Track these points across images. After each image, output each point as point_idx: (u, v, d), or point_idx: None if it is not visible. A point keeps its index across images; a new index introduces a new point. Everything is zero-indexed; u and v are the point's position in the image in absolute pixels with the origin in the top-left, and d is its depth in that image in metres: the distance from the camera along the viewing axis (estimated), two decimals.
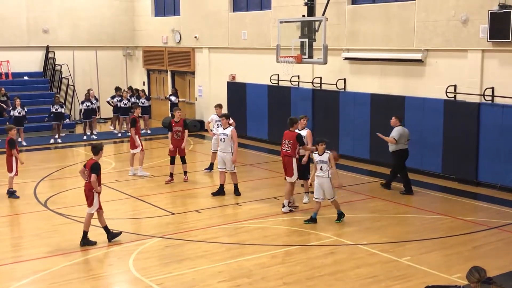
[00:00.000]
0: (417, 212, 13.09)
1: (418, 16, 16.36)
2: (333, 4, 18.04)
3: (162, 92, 27.94)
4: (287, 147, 13.00)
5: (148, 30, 28.16)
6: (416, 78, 16.73)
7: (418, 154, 16.50)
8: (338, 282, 9.28)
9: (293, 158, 12.99)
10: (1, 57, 25.86)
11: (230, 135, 14.25)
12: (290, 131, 13.15)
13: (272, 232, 11.84)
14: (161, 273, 9.64)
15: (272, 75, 20.89)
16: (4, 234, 11.74)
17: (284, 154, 13.08)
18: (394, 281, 9.31)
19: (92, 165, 10.83)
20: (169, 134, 15.88)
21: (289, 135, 13.08)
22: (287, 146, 13.00)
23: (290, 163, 13.00)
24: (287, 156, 13.04)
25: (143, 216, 12.98)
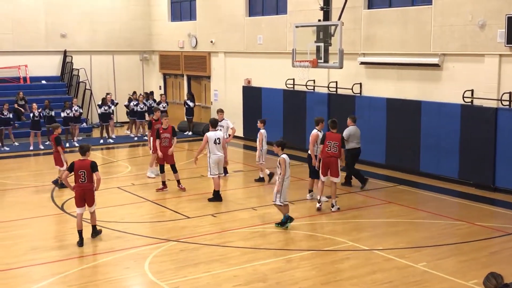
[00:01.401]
0: (434, 218, 13.00)
1: (435, 21, 16.29)
2: (349, 8, 18.02)
3: (178, 96, 28.06)
4: (334, 148, 13.40)
5: (164, 34, 28.32)
6: (432, 82, 16.65)
7: (435, 159, 16.43)
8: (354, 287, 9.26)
9: (338, 159, 13.48)
10: (20, 62, 26.13)
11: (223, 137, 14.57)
12: (333, 132, 13.57)
13: (287, 236, 11.83)
14: (176, 276, 9.66)
15: (287, 79, 20.90)
16: (22, 237, 11.84)
17: (331, 155, 13.39)
18: (410, 287, 9.26)
19: (91, 164, 11.11)
20: (157, 142, 15.35)
21: (334, 137, 13.48)
22: (334, 147, 13.40)
23: (336, 163, 13.44)
24: (333, 157, 13.42)
25: (159, 219, 13.04)
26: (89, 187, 11.20)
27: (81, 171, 11.11)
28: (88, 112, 26.78)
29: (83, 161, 11.20)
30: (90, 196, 11.25)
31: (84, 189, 11.20)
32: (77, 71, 27.13)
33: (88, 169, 11.08)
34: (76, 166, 11.16)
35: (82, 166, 11.12)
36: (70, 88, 26.97)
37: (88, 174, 11.10)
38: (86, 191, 11.21)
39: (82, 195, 11.22)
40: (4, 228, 12.39)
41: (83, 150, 11.28)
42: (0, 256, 10.70)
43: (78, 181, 11.20)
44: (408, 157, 17.19)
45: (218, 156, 14.29)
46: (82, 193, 11.21)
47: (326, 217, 13.10)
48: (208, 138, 14.22)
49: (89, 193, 11.23)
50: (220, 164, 14.43)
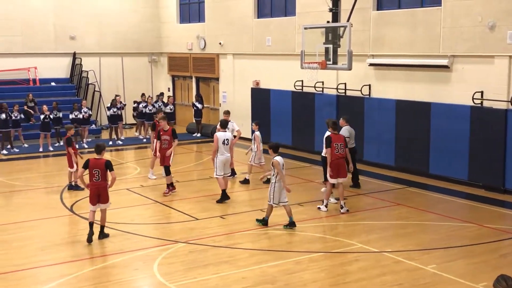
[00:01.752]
0: (443, 220, 12.94)
1: (444, 22, 16.22)
2: (358, 10, 17.98)
3: (187, 98, 28.10)
4: (341, 149, 13.54)
5: (173, 36, 28.37)
6: (442, 84, 16.58)
7: (444, 161, 16.36)
8: None
9: (345, 159, 13.68)
10: (29, 64, 26.27)
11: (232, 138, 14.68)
12: (336, 133, 13.73)
13: (296, 238, 11.80)
14: (185, 278, 9.66)
15: (296, 81, 20.88)
16: (31, 238, 11.88)
17: (340, 157, 13.54)
18: None
19: (106, 163, 11.29)
20: (157, 143, 15.33)
21: (339, 138, 13.65)
22: (341, 148, 13.54)
23: (344, 164, 13.68)
24: (342, 158, 13.59)
25: (168, 221, 13.05)
26: (103, 185, 11.38)
27: (95, 170, 11.30)
28: (97, 114, 26.87)
29: (98, 160, 11.38)
30: (104, 194, 11.44)
31: (98, 187, 11.37)
32: (86, 73, 27.24)
33: (102, 167, 11.25)
34: (90, 164, 11.36)
35: (96, 165, 11.31)
36: (79, 90, 27.07)
37: (102, 172, 11.26)
38: (100, 189, 11.38)
39: (96, 193, 11.38)
40: (14, 230, 12.43)
41: (99, 149, 11.49)
42: (10, 257, 10.74)
43: (93, 180, 11.39)
44: (418, 159, 17.12)
45: (226, 156, 14.34)
46: (96, 191, 11.38)
47: (335, 219, 13.07)
48: (218, 138, 14.26)
49: (103, 191, 11.41)
50: (226, 165, 14.46)
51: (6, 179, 17.31)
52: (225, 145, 14.34)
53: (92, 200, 11.48)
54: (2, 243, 11.52)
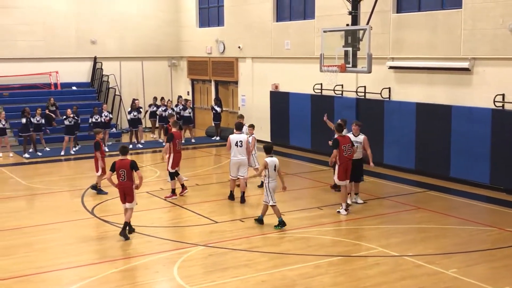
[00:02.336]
0: (464, 223, 12.84)
1: (465, 24, 16.11)
2: (378, 12, 17.93)
3: (206, 102, 28.19)
4: (349, 150, 13.61)
5: (192, 40, 28.51)
6: (463, 87, 16.46)
7: (465, 164, 16.23)
8: None
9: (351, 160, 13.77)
10: (51, 68, 26.57)
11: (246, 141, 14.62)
12: (342, 136, 13.81)
13: (316, 242, 11.78)
14: (205, 281, 9.70)
15: (315, 84, 20.86)
16: (52, 240, 12.00)
17: (349, 158, 13.64)
18: None
19: (131, 163, 11.75)
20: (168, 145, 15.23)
21: (346, 140, 13.70)
22: (348, 149, 13.60)
23: (350, 165, 13.74)
24: (350, 160, 13.68)
25: (187, 224, 13.10)
26: (128, 185, 11.81)
27: (121, 170, 11.80)
28: (117, 118, 27.07)
29: (123, 161, 11.86)
30: (130, 194, 11.87)
31: (124, 187, 11.85)
32: (106, 77, 27.47)
33: (127, 168, 11.67)
34: (117, 166, 11.87)
35: (122, 165, 11.79)
36: (100, 94, 27.30)
37: (128, 172, 11.73)
38: (125, 189, 11.85)
39: (122, 192, 11.90)
40: (36, 232, 12.57)
41: (124, 150, 12.01)
42: (32, 259, 10.87)
43: (119, 180, 11.88)
44: (438, 162, 17.00)
45: (238, 159, 14.43)
46: (122, 191, 11.89)
47: (355, 223, 13.03)
48: (230, 140, 14.45)
49: (128, 190, 11.84)
50: (240, 167, 14.51)
51: (29, 182, 17.51)
52: (238, 147, 14.47)
53: (122, 199, 12.04)
54: (25, 246, 11.66)
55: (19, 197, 15.85)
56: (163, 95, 26.85)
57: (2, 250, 11.40)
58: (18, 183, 17.51)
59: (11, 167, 19.90)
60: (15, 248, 11.55)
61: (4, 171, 19.27)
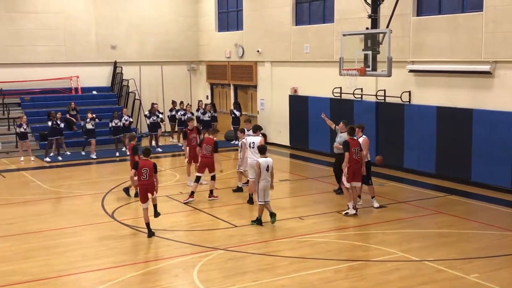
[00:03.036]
0: (486, 228, 12.69)
1: (486, 27, 15.96)
2: (398, 16, 17.84)
3: (225, 106, 28.24)
4: (358, 153, 13.73)
5: (211, 45, 28.60)
6: (484, 90, 16.29)
7: (487, 168, 16.06)
8: None
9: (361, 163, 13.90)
10: (72, 73, 26.82)
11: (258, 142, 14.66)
12: (353, 139, 13.88)
13: (336, 246, 11.73)
14: (224, 285, 9.69)
15: (334, 88, 20.80)
16: (73, 244, 12.08)
17: (358, 161, 13.71)
18: None
19: (154, 165, 12.41)
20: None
21: (356, 143, 13.80)
22: (358, 153, 13.72)
23: (360, 169, 13.87)
24: (359, 163, 13.77)
25: (207, 228, 13.11)
26: (151, 182, 12.41)
27: (144, 169, 12.34)
28: (137, 122, 27.22)
29: (146, 161, 12.50)
30: (152, 189, 12.46)
31: (146, 185, 12.38)
32: (126, 82, 27.66)
33: (151, 167, 12.38)
34: (140, 165, 12.42)
35: (145, 165, 12.39)
36: (120, 98, 27.49)
37: (150, 172, 12.36)
38: (148, 187, 12.40)
39: (145, 190, 12.38)
40: (56, 236, 12.67)
41: (147, 152, 12.69)
42: (52, 263, 10.95)
43: (141, 178, 12.36)
44: (459, 166, 16.84)
45: (253, 160, 14.41)
46: (145, 188, 12.38)
47: (375, 228, 12.94)
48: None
49: (151, 187, 12.44)
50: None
51: (50, 186, 17.67)
52: (251, 148, 14.63)
53: (142, 198, 12.43)
54: (45, 249, 11.75)
55: (40, 200, 15.99)
56: (182, 99, 26.95)
57: (24, 253, 11.50)
58: (39, 186, 17.67)
59: (32, 171, 20.10)
60: (36, 251, 11.64)
61: (26, 175, 19.46)
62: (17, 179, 18.99)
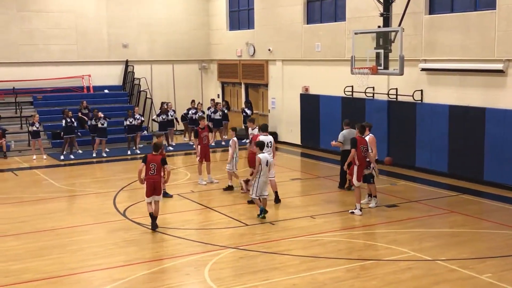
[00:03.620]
0: (499, 228, 12.60)
1: (499, 26, 15.84)
2: (410, 14, 17.75)
3: (236, 104, 28.25)
4: (365, 152, 13.81)
5: (223, 44, 28.60)
6: (497, 89, 16.17)
7: (499, 168, 15.95)
8: None
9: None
10: (83, 72, 26.93)
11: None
12: (362, 137, 13.93)
13: (347, 245, 11.69)
14: (235, 284, 9.68)
15: (346, 86, 20.73)
16: (84, 242, 12.12)
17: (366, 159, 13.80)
18: None
19: (162, 159, 12.60)
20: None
21: (364, 141, 13.87)
22: (365, 151, 13.79)
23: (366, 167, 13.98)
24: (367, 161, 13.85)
25: (218, 226, 13.11)
26: (157, 179, 12.57)
27: (152, 164, 12.52)
28: (148, 120, 27.28)
29: (155, 156, 12.64)
30: (158, 187, 12.63)
31: (154, 180, 12.55)
32: (138, 80, 27.72)
33: (158, 162, 12.50)
34: (148, 159, 12.60)
35: (153, 160, 12.54)
36: (131, 97, 27.56)
37: (158, 167, 12.50)
38: (155, 182, 12.57)
39: (152, 186, 12.56)
40: (68, 234, 12.72)
41: (156, 147, 12.86)
42: (65, 261, 10.99)
43: (149, 173, 12.54)
44: (472, 165, 16.74)
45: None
46: (152, 184, 12.56)
47: (387, 227, 12.89)
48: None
49: (158, 184, 12.60)
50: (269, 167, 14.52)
51: (62, 184, 17.75)
52: (268, 147, 14.52)
53: (148, 193, 12.64)
54: (58, 247, 11.80)
55: (53, 199, 16.06)
56: (193, 98, 27.00)
57: (36, 251, 11.56)
58: (51, 185, 17.76)
59: (44, 169, 20.20)
60: (48, 249, 11.69)
61: (38, 173, 19.57)
62: (29, 177, 19.09)
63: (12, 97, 25.11)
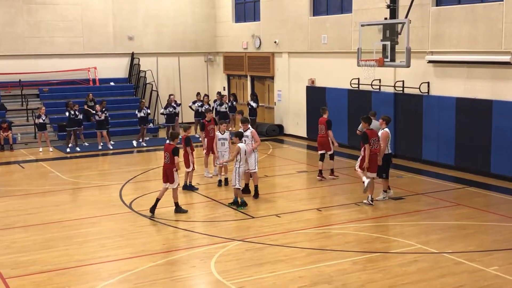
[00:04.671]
0: (506, 220, 12.56)
1: (507, 17, 15.74)
2: (417, 6, 17.66)
3: (242, 97, 28.22)
4: (376, 144, 13.74)
5: (228, 36, 28.55)
6: (504, 81, 16.09)
7: (507, 160, 15.90)
8: None
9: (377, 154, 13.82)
10: (89, 64, 26.96)
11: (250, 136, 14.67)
12: (371, 129, 13.84)
13: (353, 238, 11.68)
14: (241, 276, 9.70)
15: (352, 79, 20.67)
16: (91, 235, 12.16)
17: (375, 152, 13.73)
18: None
19: (173, 149, 12.87)
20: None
21: (374, 134, 13.78)
22: (375, 143, 13.74)
23: (376, 159, 13.83)
24: (376, 154, 13.75)
25: (224, 219, 13.13)
26: (170, 167, 13.04)
27: (166, 153, 13.07)
28: (154, 113, 27.31)
29: (169, 145, 13.13)
30: (170, 175, 13.08)
31: (165, 168, 13.14)
32: (144, 73, 27.73)
33: (170, 152, 12.94)
34: (164, 148, 13.28)
35: (167, 149, 13.08)
36: (137, 90, 27.57)
37: (171, 156, 12.94)
38: (167, 170, 13.12)
39: (164, 173, 13.20)
40: (76, 226, 12.77)
41: (172, 137, 13.40)
42: (72, 253, 11.03)
43: (164, 161, 13.17)
44: (478, 158, 16.68)
45: None
46: (164, 171, 13.20)
47: (393, 219, 12.87)
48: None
49: (169, 172, 13.07)
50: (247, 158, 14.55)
51: (68, 177, 17.80)
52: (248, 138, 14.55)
53: (163, 178, 13.29)
54: (65, 239, 11.84)
55: (59, 191, 16.11)
56: (199, 90, 26.98)
57: (43, 243, 11.61)
58: (57, 177, 17.81)
59: (51, 162, 20.26)
60: (55, 241, 11.74)
61: (44, 165, 19.62)
62: (35, 169, 19.15)
63: (18, 89, 25.18)
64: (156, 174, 17.87)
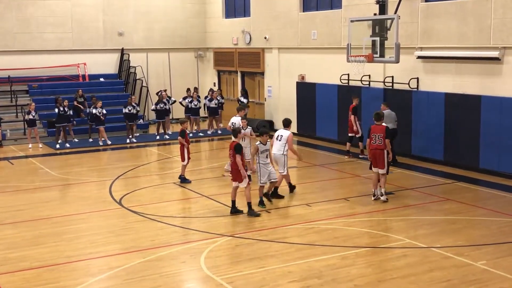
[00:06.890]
0: (494, 215, 12.66)
1: (495, 13, 15.81)
2: (406, 1, 17.71)
3: (232, 93, 28.21)
4: (379, 140, 13.57)
5: (219, 32, 28.52)
6: (493, 77, 16.18)
7: (495, 155, 16.00)
8: (411, 286, 9.09)
9: (384, 150, 13.61)
10: (79, 60, 26.86)
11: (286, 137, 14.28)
12: (378, 125, 13.72)
13: (343, 233, 11.73)
14: (231, 271, 9.72)
15: (342, 74, 20.71)
16: (81, 231, 12.14)
17: (376, 148, 13.60)
18: (469, 285, 9.05)
19: (235, 146, 12.52)
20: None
21: (379, 129, 13.63)
22: (378, 139, 13.57)
23: (382, 155, 13.61)
24: (378, 149, 13.60)
25: (214, 215, 13.14)
26: (234, 166, 12.62)
27: (230, 151, 12.66)
28: (144, 109, 27.24)
29: (232, 142, 12.71)
30: (236, 173, 12.69)
31: (232, 167, 12.74)
32: (134, 69, 27.66)
33: (232, 149, 12.54)
34: (230, 147, 12.77)
35: (230, 147, 12.66)
36: (127, 86, 27.50)
37: (234, 154, 12.53)
38: (233, 169, 12.71)
39: (231, 171, 12.85)
40: (65, 222, 12.74)
41: (235, 133, 13.05)
42: (61, 249, 11.02)
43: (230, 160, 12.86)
44: (467, 153, 16.78)
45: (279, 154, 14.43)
46: (233, 170, 12.76)
47: (383, 214, 12.93)
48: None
49: (235, 170, 12.66)
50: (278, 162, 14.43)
51: (58, 173, 17.74)
52: (278, 141, 14.39)
53: (231, 177, 12.97)
54: (54, 235, 11.82)
55: (49, 187, 16.07)
56: (189, 86, 26.90)
57: (33, 240, 11.58)
58: (47, 173, 17.75)
59: (40, 158, 20.19)
60: (45, 237, 11.71)
61: (34, 162, 19.55)
62: (25, 166, 19.09)
63: (8, 85, 25.05)
64: (146, 171, 17.88)
